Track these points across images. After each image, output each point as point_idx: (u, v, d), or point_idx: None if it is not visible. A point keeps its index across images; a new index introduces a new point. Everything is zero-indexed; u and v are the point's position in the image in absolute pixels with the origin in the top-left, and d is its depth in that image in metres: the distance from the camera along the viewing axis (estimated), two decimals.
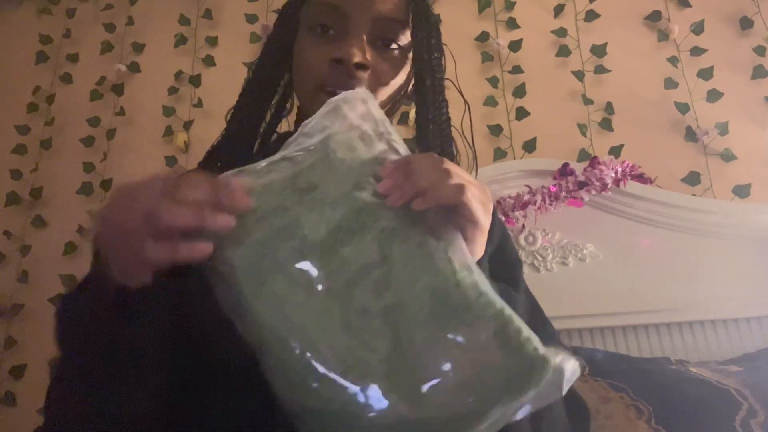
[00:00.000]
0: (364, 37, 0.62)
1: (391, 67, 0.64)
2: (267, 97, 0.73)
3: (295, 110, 0.78)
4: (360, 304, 0.40)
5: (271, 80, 0.72)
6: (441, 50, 0.69)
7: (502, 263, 0.69)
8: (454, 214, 0.45)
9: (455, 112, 0.72)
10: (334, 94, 0.62)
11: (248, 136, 0.72)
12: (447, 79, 0.71)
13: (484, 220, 0.46)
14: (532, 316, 0.67)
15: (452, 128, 0.69)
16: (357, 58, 0.60)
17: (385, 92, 0.65)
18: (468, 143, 0.71)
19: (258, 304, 0.40)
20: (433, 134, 0.65)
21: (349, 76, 0.61)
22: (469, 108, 0.72)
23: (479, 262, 0.63)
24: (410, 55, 0.67)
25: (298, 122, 0.75)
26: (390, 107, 0.68)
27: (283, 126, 0.79)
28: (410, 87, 0.70)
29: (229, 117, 0.73)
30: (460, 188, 0.43)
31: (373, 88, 0.63)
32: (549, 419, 0.55)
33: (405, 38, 0.65)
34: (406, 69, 0.67)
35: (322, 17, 0.63)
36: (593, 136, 1.55)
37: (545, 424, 0.54)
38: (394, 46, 0.64)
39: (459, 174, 0.45)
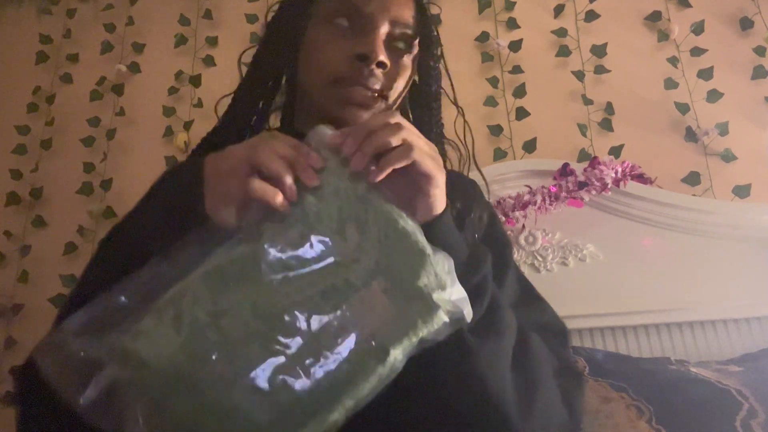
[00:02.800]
0: (383, 38, 0.63)
1: (401, 72, 0.66)
2: (264, 91, 0.73)
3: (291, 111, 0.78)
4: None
5: (271, 74, 0.73)
6: (440, 61, 0.72)
7: (492, 245, 0.69)
8: (407, 174, 0.47)
9: (452, 115, 0.73)
10: (353, 89, 0.62)
11: (242, 127, 0.73)
12: (442, 89, 0.73)
13: (438, 174, 0.48)
14: (521, 298, 0.68)
15: (446, 132, 0.72)
16: (382, 56, 0.61)
17: (395, 95, 0.66)
18: (464, 145, 0.73)
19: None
20: (434, 136, 0.67)
21: (369, 74, 0.62)
22: (463, 113, 0.73)
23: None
24: (414, 65, 0.69)
25: (287, 118, 0.73)
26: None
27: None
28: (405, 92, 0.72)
29: (226, 108, 0.73)
30: (408, 148, 0.45)
31: (387, 89, 0.64)
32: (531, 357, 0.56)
33: (414, 46, 0.67)
34: (411, 75, 0.69)
35: (342, 12, 0.64)
36: (593, 136, 1.55)
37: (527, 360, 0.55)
38: (407, 52, 0.66)
39: (408, 129, 0.47)
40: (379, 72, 0.62)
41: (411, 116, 0.73)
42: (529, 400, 0.52)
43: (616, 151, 1.50)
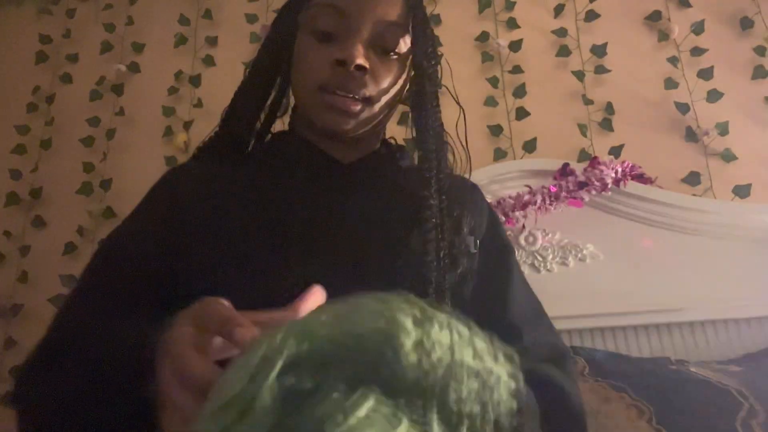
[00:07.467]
0: (366, 40, 0.62)
1: (390, 72, 0.64)
2: (262, 97, 0.73)
3: (290, 111, 0.78)
4: None
5: (267, 81, 0.72)
6: (437, 58, 0.69)
7: (492, 251, 0.69)
8: None
9: (453, 114, 0.72)
10: (335, 95, 0.62)
11: (243, 135, 0.72)
12: (444, 86, 0.71)
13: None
14: (531, 313, 0.67)
15: (446, 132, 0.70)
16: (359, 60, 0.60)
17: (383, 96, 0.65)
18: (463, 146, 0.72)
19: None
20: (431, 138, 0.65)
21: (350, 78, 0.61)
22: (464, 113, 0.72)
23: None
24: (408, 62, 0.67)
25: (292, 122, 0.75)
26: (387, 112, 0.68)
27: (278, 126, 0.79)
28: (405, 92, 0.71)
29: (223, 116, 0.73)
30: None
31: (372, 92, 0.63)
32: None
33: (405, 44, 0.65)
34: (404, 75, 0.67)
35: (324, 19, 0.63)
36: (593, 136, 1.55)
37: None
38: (394, 51, 0.64)
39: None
40: (360, 76, 0.61)
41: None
42: None
43: (616, 151, 1.50)
